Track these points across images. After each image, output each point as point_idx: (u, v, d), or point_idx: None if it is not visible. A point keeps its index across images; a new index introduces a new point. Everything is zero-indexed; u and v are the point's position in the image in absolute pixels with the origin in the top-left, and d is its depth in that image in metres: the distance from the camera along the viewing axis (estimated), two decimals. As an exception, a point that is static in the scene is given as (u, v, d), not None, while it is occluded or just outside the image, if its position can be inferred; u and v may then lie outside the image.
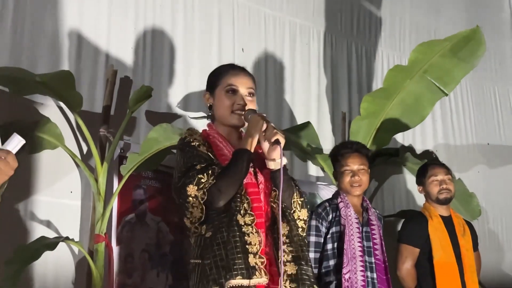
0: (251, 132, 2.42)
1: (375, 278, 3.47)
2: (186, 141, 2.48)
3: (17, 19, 3.68)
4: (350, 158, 3.66)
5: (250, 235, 2.32)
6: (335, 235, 3.51)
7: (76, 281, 3.59)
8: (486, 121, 6.37)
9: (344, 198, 3.60)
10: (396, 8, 5.91)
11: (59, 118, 3.70)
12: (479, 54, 4.58)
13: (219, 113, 2.58)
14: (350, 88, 5.32)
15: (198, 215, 2.34)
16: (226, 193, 2.32)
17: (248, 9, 4.84)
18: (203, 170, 2.33)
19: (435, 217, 4.00)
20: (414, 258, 3.96)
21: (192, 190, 2.31)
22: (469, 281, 3.90)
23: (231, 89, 2.55)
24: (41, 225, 3.55)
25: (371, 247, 3.54)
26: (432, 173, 4.11)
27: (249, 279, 2.25)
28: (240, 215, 2.34)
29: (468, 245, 4.03)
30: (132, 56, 4.11)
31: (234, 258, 2.26)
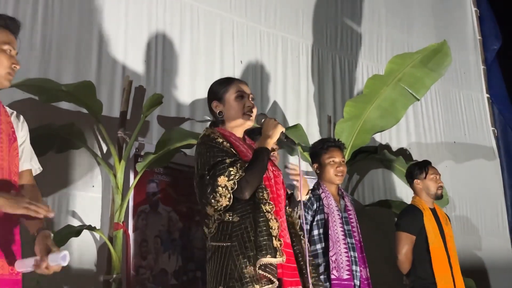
0: (269, 134, 2.45)
1: (356, 256, 3.49)
2: (211, 137, 2.48)
3: (45, 36, 3.68)
4: (335, 152, 3.69)
5: (271, 221, 2.34)
6: (320, 222, 3.52)
7: (97, 264, 3.59)
8: (453, 122, 6.36)
9: (325, 189, 3.61)
10: (374, 25, 5.90)
11: (82, 122, 3.69)
12: (446, 64, 4.59)
13: (232, 116, 2.58)
14: (334, 94, 5.31)
15: (225, 203, 2.34)
16: (253, 184, 2.35)
17: (246, 27, 4.83)
18: (232, 163, 2.35)
19: (427, 210, 4.03)
20: (411, 244, 3.95)
21: (222, 180, 2.31)
22: (454, 264, 3.95)
23: (240, 94, 2.58)
24: (67, 215, 3.55)
25: (351, 230, 3.56)
26: (433, 172, 4.16)
27: (275, 258, 2.28)
28: (262, 204, 2.36)
29: (450, 232, 4.08)
30: (145, 68, 4.10)
31: (263, 239, 2.28)
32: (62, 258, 1.99)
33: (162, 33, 4.25)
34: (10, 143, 2.13)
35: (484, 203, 6.27)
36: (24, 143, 2.25)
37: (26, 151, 2.25)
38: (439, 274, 3.83)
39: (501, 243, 6.26)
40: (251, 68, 4.77)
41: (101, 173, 3.73)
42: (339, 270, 3.37)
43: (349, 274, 3.39)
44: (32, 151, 2.30)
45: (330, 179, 3.64)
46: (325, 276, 3.40)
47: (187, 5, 4.44)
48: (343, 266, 3.39)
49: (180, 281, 3.77)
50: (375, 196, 5.30)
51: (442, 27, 6.52)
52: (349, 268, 3.40)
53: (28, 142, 2.29)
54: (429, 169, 4.17)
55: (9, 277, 2.04)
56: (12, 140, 2.14)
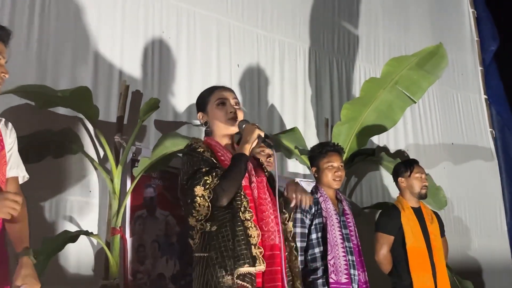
0: (247, 139, 2.42)
1: (354, 260, 3.49)
2: (192, 147, 2.47)
3: (41, 42, 3.67)
4: (333, 156, 3.67)
5: (250, 229, 2.33)
6: (318, 226, 3.50)
7: (95, 269, 3.58)
8: (450, 123, 6.36)
9: (323, 193, 3.60)
10: (370, 27, 5.90)
11: (79, 127, 3.70)
12: (442, 66, 4.59)
13: (216, 125, 2.56)
14: (332, 97, 5.30)
15: (205, 213, 2.33)
16: (228, 191, 2.32)
17: (243, 30, 4.83)
18: (208, 172, 2.33)
19: (407, 209, 4.01)
20: (389, 244, 3.95)
21: (199, 190, 2.30)
22: (438, 262, 3.91)
23: (221, 101, 2.56)
24: (64, 220, 3.54)
25: (348, 234, 3.55)
26: (418, 170, 4.11)
27: (254, 267, 2.27)
28: (241, 212, 2.34)
29: (436, 231, 4.04)
30: (142, 72, 4.10)
31: (241, 249, 2.27)
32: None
33: (159, 37, 4.25)
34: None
35: (482, 204, 6.27)
36: (11, 150, 2.25)
37: (13, 158, 2.25)
38: (417, 274, 3.82)
39: (499, 244, 6.25)
40: (248, 71, 4.76)
41: (98, 178, 3.72)
42: (337, 274, 3.37)
43: (347, 278, 3.38)
44: (19, 159, 2.29)
45: (328, 183, 3.63)
46: (324, 280, 3.40)
47: (183, 9, 4.44)
48: (341, 270, 3.39)
49: (178, 286, 3.77)
50: (373, 199, 5.29)
51: (439, 29, 6.53)
52: (347, 272, 3.40)
53: (16, 149, 2.28)
54: (414, 167, 4.12)
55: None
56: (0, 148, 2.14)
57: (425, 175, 4.12)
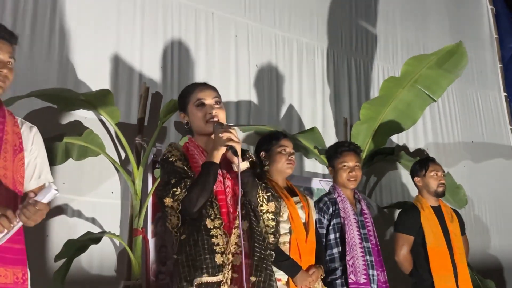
0: (215, 146, 2.37)
1: (373, 260, 3.47)
2: (165, 158, 2.47)
3: (63, 46, 3.70)
4: (348, 156, 3.65)
5: (218, 237, 2.31)
6: (336, 226, 3.49)
7: (117, 270, 3.60)
8: (470, 122, 6.31)
9: (340, 193, 3.59)
10: (389, 26, 5.87)
11: (100, 130, 3.72)
12: (462, 65, 4.55)
13: (196, 126, 2.54)
14: (350, 97, 5.28)
15: (176, 222, 2.35)
16: (196, 202, 2.30)
17: (261, 31, 4.82)
18: (176, 183, 2.33)
19: (427, 208, 3.98)
20: (409, 245, 3.93)
21: (168, 201, 2.32)
22: (458, 261, 3.88)
23: (200, 102, 2.52)
24: (87, 221, 3.57)
25: (367, 234, 3.53)
26: (433, 169, 4.08)
27: (215, 276, 2.25)
28: (210, 219, 2.33)
29: (456, 230, 4.00)
30: (161, 74, 4.11)
31: (202, 258, 2.26)
32: (49, 189, 1.95)
33: (178, 39, 4.26)
34: (15, 153, 2.16)
35: (503, 202, 6.21)
36: (36, 158, 2.28)
37: (39, 165, 2.28)
38: (438, 274, 3.79)
39: (521, 243, 6.19)
40: (266, 72, 4.76)
41: (119, 179, 3.74)
42: (356, 274, 3.36)
43: (366, 278, 3.37)
44: (43, 165, 2.31)
45: (343, 183, 3.62)
46: (342, 280, 3.39)
47: (201, 11, 4.45)
48: (360, 270, 3.37)
49: (199, 286, 3.77)
50: (393, 198, 5.26)
51: (458, 27, 6.47)
52: (366, 273, 3.38)
53: (41, 156, 2.31)
54: (429, 166, 4.09)
55: (14, 286, 2.05)
56: (18, 150, 2.18)
57: (442, 173, 4.07)
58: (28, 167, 2.24)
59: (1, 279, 2.01)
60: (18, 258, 2.09)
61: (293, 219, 3.15)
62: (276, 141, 3.34)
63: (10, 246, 2.06)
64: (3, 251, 2.03)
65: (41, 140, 2.34)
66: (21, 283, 2.07)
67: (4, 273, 2.02)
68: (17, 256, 2.09)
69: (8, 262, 2.04)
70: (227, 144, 2.34)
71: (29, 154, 2.25)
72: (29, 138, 2.26)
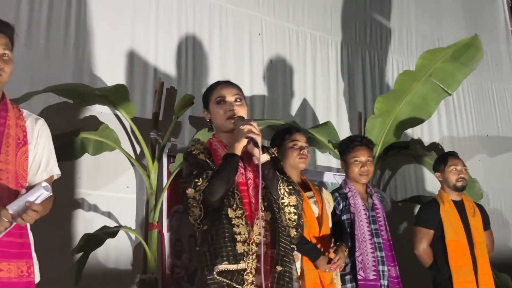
0: (236, 138, 2.39)
1: (383, 256, 3.45)
2: (188, 151, 2.49)
3: (79, 42, 3.72)
4: (360, 151, 3.62)
5: (239, 226, 2.31)
6: (346, 222, 3.47)
7: (133, 263, 3.62)
8: (485, 115, 6.25)
9: (352, 188, 3.56)
10: (403, 19, 5.82)
11: (116, 124, 3.74)
12: (478, 58, 4.51)
13: (217, 123, 2.55)
14: (365, 90, 5.26)
15: (198, 213, 2.35)
16: (216, 192, 2.32)
17: (274, 25, 4.81)
18: (198, 174, 2.34)
19: (447, 202, 3.96)
20: (429, 238, 3.92)
21: (190, 192, 2.33)
22: (479, 256, 3.86)
23: (220, 100, 2.53)
24: (103, 216, 3.59)
25: (378, 229, 3.50)
26: (452, 163, 4.05)
27: (236, 264, 2.26)
28: (231, 209, 2.33)
29: (477, 224, 3.98)
30: (176, 69, 4.12)
31: (223, 246, 2.26)
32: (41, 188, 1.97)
33: (192, 34, 4.26)
34: (19, 147, 2.16)
35: (519, 196, 6.16)
36: (43, 149, 2.27)
37: (45, 159, 2.28)
38: (456, 268, 3.78)
39: (537, 237, 6.14)
40: (280, 66, 4.75)
41: (135, 174, 3.76)
42: (365, 271, 3.34)
43: (376, 275, 3.34)
44: (50, 157, 2.30)
45: (354, 178, 3.60)
46: (351, 276, 3.37)
47: (215, 6, 4.45)
48: (369, 267, 3.35)
49: (215, 280, 3.78)
50: (407, 192, 5.24)
51: (472, 20, 6.41)
52: (375, 269, 3.36)
53: (48, 148, 2.30)
54: (448, 160, 4.06)
55: (18, 280, 2.05)
56: (21, 144, 2.18)
57: (462, 167, 4.04)
58: (35, 160, 2.24)
59: (4, 274, 2.01)
60: (22, 252, 2.09)
61: (305, 214, 3.14)
62: (289, 135, 3.31)
63: (12, 240, 2.06)
64: (5, 245, 2.03)
65: (47, 131, 2.32)
66: (26, 276, 2.07)
67: (8, 267, 2.03)
68: (21, 250, 2.09)
69: (11, 256, 2.04)
70: (248, 136, 2.36)
71: (34, 147, 2.24)
72: (34, 131, 2.26)
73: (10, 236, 2.04)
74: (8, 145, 2.11)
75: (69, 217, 3.43)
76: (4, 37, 2.16)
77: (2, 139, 2.11)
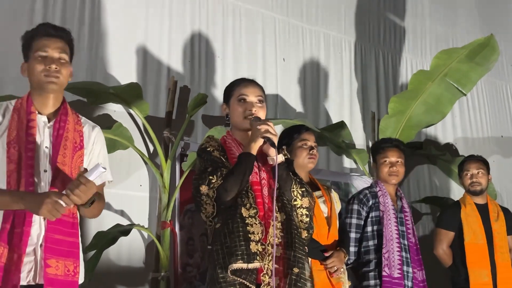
0: (253, 138, 2.38)
1: (409, 258, 3.44)
2: (202, 147, 2.48)
3: (92, 40, 3.72)
4: (390, 152, 3.63)
5: (253, 226, 2.30)
6: (375, 219, 3.48)
7: (146, 262, 3.63)
8: (500, 116, 6.20)
9: (382, 187, 3.57)
10: (417, 19, 5.78)
11: (129, 123, 3.74)
12: (493, 59, 4.48)
13: (234, 120, 2.54)
14: (378, 90, 5.22)
15: (211, 211, 2.34)
16: (230, 191, 2.31)
17: (288, 24, 4.79)
18: (213, 172, 2.34)
19: (469, 205, 4.01)
20: (449, 240, 4.00)
21: (204, 189, 2.32)
22: (499, 260, 3.88)
23: (242, 98, 2.51)
24: (116, 214, 3.60)
25: (405, 231, 3.51)
26: (465, 168, 4.12)
27: (250, 263, 2.25)
28: (245, 208, 2.32)
29: (500, 229, 4.00)
30: (189, 68, 4.11)
31: (237, 245, 2.25)
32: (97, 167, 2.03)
33: (205, 33, 4.26)
34: (75, 150, 2.25)
35: (533, 197, 6.09)
36: (99, 156, 2.37)
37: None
38: (473, 269, 3.82)
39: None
40: (293, 65, 4.73)
41: (148, 172, 3.76)
42: (390, 268, 3.34)
43: (400, 273, 3.34)
44: (104, 163, 2.31)
45: (384, 179, 3.60)
46: (376, 273, 3.37)
47: (229, 4, 4.44)
48: (395, 265, 3.35)
49: (227, 279, 3.77)
50: (421, 193, 5.20)
51: (487, 20, 6.35)
52: (400, 268, 3.35)
53: (103, 155, 2.41)
54: (463, 166, 4.14)
55: (64, 278, 2.09)
56: (78, 147, 2.27)
57: (477, 170, 4.06)
58: (90, 165, 2.29)
59: (52, 270, 2.06)
60: (71, 251, 2.14)
61: (314, 214, 3.11)
62: (297, 134, 3.27)
63: (63, 238, 2.12)
64: (56, 243, 2.09)
65: (102, 139, 2.42)
66: (72, 275, 2.12)
67: (56, 264, 2.07)
68: (70, 249, 2.14)
69: (60, 253, 2.09)
70: (265, 136, 2.34)
71: (89, 152, 2.34)
72: (90, 137, 2.35)
73: (61, 234, 2.11)
74: (66, 148, 2.21)
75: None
76: (59, 41, 2.27)
77: (61, 141, 2.21)
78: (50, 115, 2.26)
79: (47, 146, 2.19)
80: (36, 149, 2.15)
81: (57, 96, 2.29)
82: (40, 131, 2.20)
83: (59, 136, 2.21)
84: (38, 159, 2.15)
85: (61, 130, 2.22)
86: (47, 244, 2.07)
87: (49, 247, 2.07)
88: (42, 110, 2.25)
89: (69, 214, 2.15)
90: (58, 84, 2.23)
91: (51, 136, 2.21)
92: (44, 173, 2.15)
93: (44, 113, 2.25)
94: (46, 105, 2.26)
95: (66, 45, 2.30)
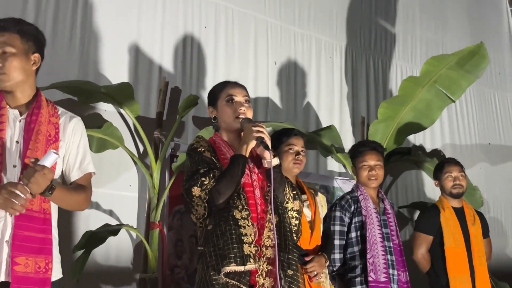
0: (245, 140, 2.38)
1: (394, 260, 3.44)
2: (193, 147, 2.47)
3: (84, 39, 3.71)
4: (368, 155, 3.60)
5: (246, 227, 2.30)
6: (358, 224, 3.47)
7: (134, 262, 3.61)
8: (487, 123, 6.24)
9: (363, 191, 3.56)
10: (408, 25, 5.82)
11: (119, 123, 3.72)
12: (483, 66, 4.52)
13: (224, 121, 2.54)
14: (368, 95, 5.24)
15: (202, 212, 2.34)
16: (224, 193, 2.31)
17: (280, 28, 4.80)
18: (205, 173, 2.33)
19: (447, 209, 3.96)
20: (428, 244, 3.93)
21: (196, 191, 2.31)
22: (477, 264, 3.86)
23: (230, 98, 2.52)
24: (104, 214, 3.58)
25: (389, 233, 3.50)
26: (447, 170, 4.04)
27: (243, 266, 2.25)
28: (237, 210, 2.32)
29: (477, 232, 3.97)
30: (181, 69, 4.11)
31: (230, 248, 2.26)
32: (49, 153, 1.97)
33: (198, 34, 4.26)
34: (49, 143, 2.17)
35: (519, 205, 6.15)
36: (78, 148, 2.29)
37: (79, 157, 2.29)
38: (454, 275, 3.78)
39: (537, 246, 6.12)
40: (284, 69, 4.74)
41: (137, 172, 3.75)
42: (376, 273, 3.33)
43: (386, 277, 3.34)
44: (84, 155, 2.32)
45: (364, 182, 3.59)
46: (362, 278, 3.36)
47: (221, 7, 4.44)
48: (380, 269, 3.35)
49: (214, 281, 3.76)
50: (409, 198, 5.23)
51: (477, 27, 6.41)
52: (386, 271, 3.35)
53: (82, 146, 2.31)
54: (444, 167, 4.06)
55: (35, 275, 2.04)
56: (52, 140, 2.19)
57: (458, 173, 4.01)
58: (69, 158, 2.26)
59: (21, 268, 2.00)
60: (42, 248, 2.08)
61: None
62: (286, 138, 3.24)
63: (33, 235, 2.06)
64: (25, 240, 2.04)
65: (81, 130, 2.33)
66: (43, 272, 2.06)
67: (25, 262, 2.02)
68: (41, 246, 2.08)
69: (30, 251, 2.04)
70: (259, 137, 2.35)
71: (66, 145, 2.26)
72: (67, 128, 2.27)
73: (31, 231, 2.05)
74: (38, 141, 2.13)
75: (70, 214, 3.41)
76: (2, 34, 2.15)
77: (31, 135, 2.13)
78: (22, 109, 2.19)
79: (17, 140, 2.12)
80: (5, 143, 2.09)
81: (22, 89, 2.19)
82: (10, 125, 2.13)
83: (30, 130, 2.13)
84: (7, 154, 2.09)
85: (32, 123, 2.15)
86: (15, 241, 2.01)
87: (18, 244, 2.01)
88: (12, 104, 2.18)
89: (39, 210, 2.09)
90: (6, 80, 2.14)
91: (23, 130, 2.14)
92: (14, 168, 2.08)
93: (16, 106, 2.18)
94: (15, 99, 2.18)
95: (13, 35, 2.16)
